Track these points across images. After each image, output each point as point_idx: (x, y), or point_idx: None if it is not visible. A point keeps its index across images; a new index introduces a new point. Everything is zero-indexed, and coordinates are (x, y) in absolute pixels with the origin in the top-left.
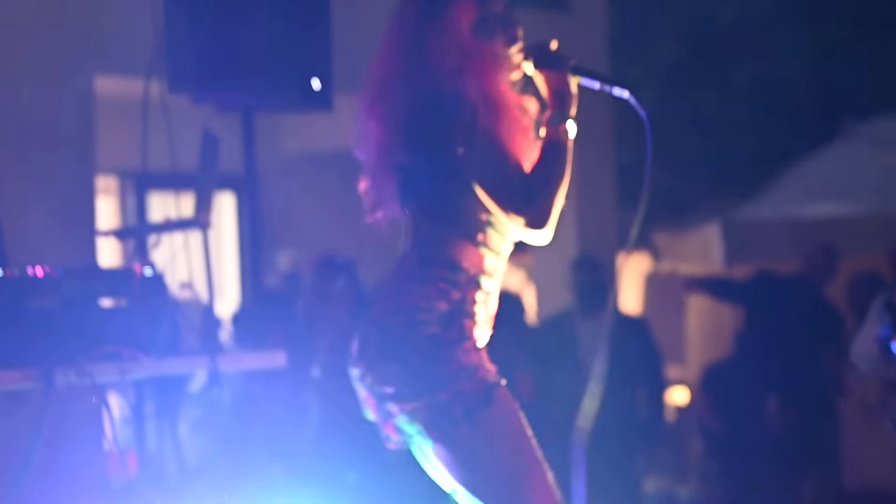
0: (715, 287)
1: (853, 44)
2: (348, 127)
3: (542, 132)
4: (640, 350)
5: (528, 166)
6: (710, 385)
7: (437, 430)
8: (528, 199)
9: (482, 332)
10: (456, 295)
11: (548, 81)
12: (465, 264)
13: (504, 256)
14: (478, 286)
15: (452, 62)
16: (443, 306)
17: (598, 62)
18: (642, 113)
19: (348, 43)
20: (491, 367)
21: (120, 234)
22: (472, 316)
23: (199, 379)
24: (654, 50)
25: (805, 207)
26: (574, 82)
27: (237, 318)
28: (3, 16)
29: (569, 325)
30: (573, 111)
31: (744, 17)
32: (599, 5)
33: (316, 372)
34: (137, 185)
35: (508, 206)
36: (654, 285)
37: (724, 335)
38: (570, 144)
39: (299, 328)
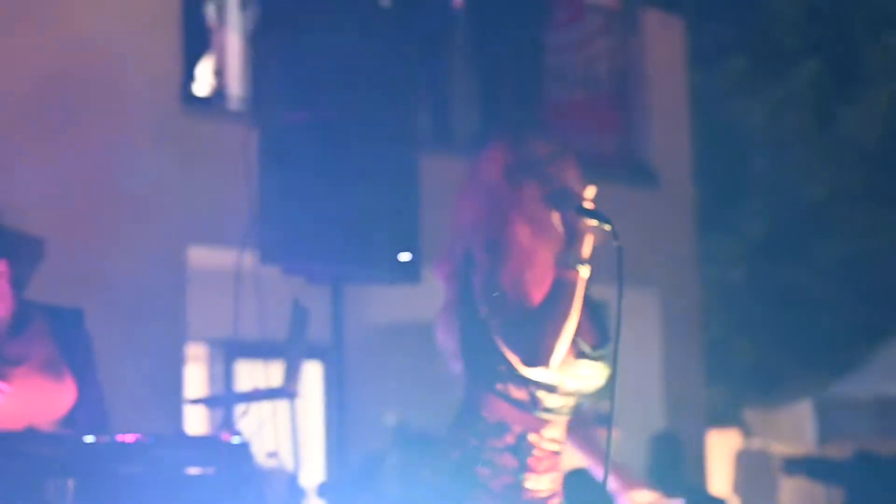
0: (813, 468)
1: None
2: (436, 299)
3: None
4: None
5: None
6: None
7: None
8: (526, 337)
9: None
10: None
11: (561, 221)
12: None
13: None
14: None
15: (482, 210)
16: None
17: (686, 237)
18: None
19: (437, 216)
20: None
21: (208, 401)
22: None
23: None
24: (742, 225)
25: None
26: (586, 224)
27: (322, 489)
28: (100, 185)
29: None
30: (584, 252)
31: (832, 194)
32: (687, 181)
33: None
34: (226, 353)
35: (506, 342)
36: (745, 463)
37: None
38: (580, 285)
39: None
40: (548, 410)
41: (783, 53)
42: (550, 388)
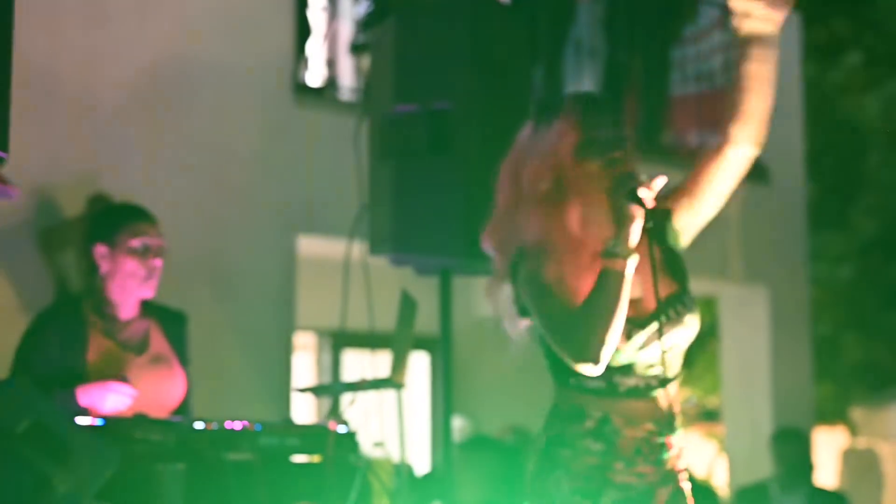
0: None
1: None
2: None
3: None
4: None
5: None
6: None
7: None
8: (573, 335)
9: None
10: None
11: (612, 207)
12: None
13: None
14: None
15: (546, 184)
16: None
17: (797, 234)
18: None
19: None
20: None
21: (316, 390)
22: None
23: None
24: (853, 223)
25: None
26: (636, 211)
27: (427, 479)
28: (211, 174)
29: (764, 498)
30: (631, 242)
31: None
32: (799, 177)
33: None
34: (334, 342)
35: (553, 341)
36: (851, 461)
37: None
38: (626, 277)
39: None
40: (631, 392)
41: None
42: (625, 370)
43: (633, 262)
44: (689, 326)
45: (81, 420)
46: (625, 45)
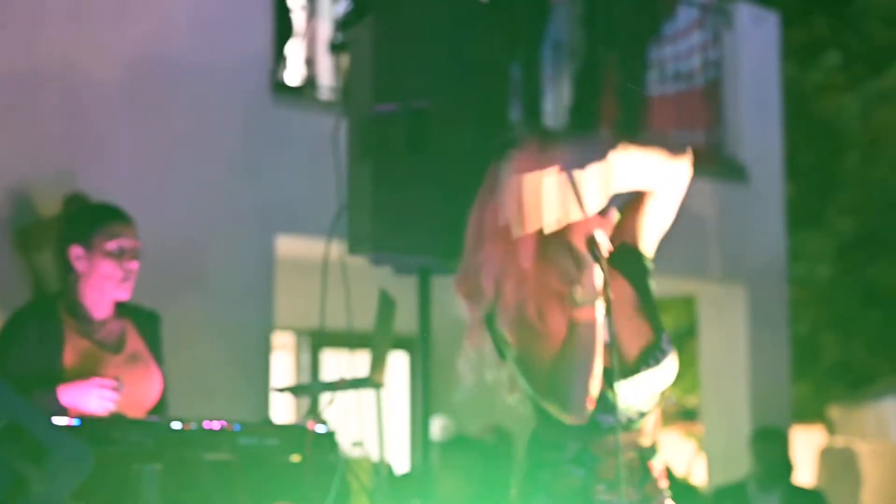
0: None
1: None
2: None
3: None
4: None
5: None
6: None
7: None
8: (553, 390)
9: None
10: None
11: (571, 252)
12: None
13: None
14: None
15: (504, 221)
16: None
17: (775, 233)
18: None
19: None
20: None
21: (295, 390)
22: None
23: None
24: (832, 222)
25: None
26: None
27: (406, 479)
28: (189, 173)
29: (743, 497)
30: (596, 285)
31: None
32: (778, 177)
33: None
34: (313, 342)
35: (535, 395)
36: (829, 459)
37: None
38: (596, 323)
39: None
40: (612, 429)
41: (877, 49)
42: (607, 410)
43: (600, 306)
44: (669, 369)
45: (58, 420)
46: (602, 44)
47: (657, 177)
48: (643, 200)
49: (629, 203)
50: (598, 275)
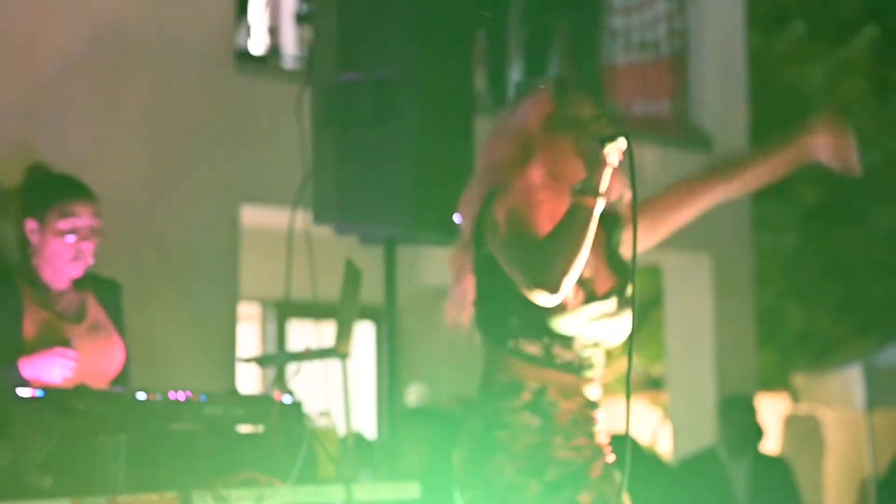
0: None
1: None
2: None
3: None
4: (782, 492)
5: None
6: None
7: None
8: (533, 258)
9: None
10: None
11: (582, 153)
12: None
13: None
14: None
15: (512, 152)
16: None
17: (739, 202)
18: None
19: None
20: None
21: (260, 360)
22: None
23: None
24: (796, 191)
25: None
26: (607, 157)
27: (372, 448)
28: (152, 142)
29: (716, 464)
30: (602, 184)
31: (887, 160)
32: (743, 146)
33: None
34: (279, 313)
35: (513, 264)
36: (793, 427)
37: (864, 480)
38: (594, 213)
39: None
40: (566, 366)
41: (842, 19)
42: (565, 341)
43: (601, 204)
44: (625, 322)
45: (21, 392)
46: (553, 10)
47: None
48: (661, 220)
49: (648, 203)
50: (606, 175)
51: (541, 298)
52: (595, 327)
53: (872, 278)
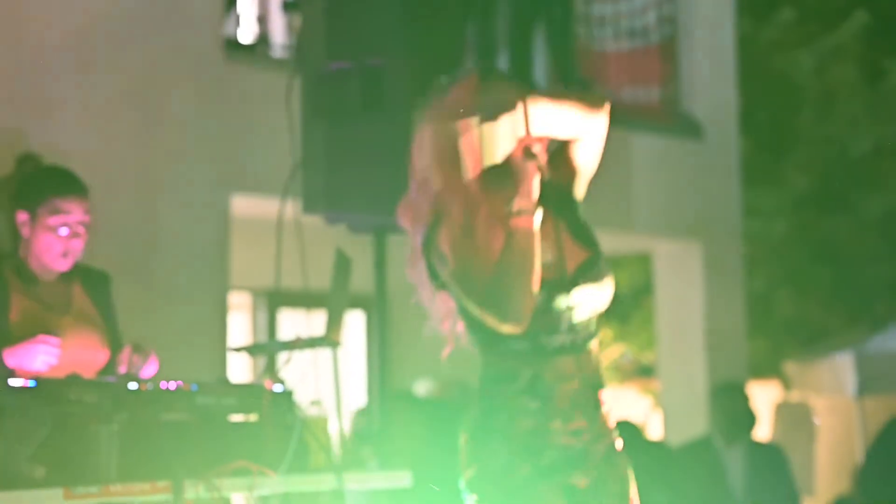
0: None
1: None
2: None
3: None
4: (777, 479)
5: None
6: None
7: None
8: (492, 298)
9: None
10: None
11: (510, 163)
12: None
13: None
14: None
15: (445, 147)
16: None
17: (730, 189)
18: None
19: None
20: None
21: (251, 350)
22: None
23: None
24: (786, 178)
25: None
26: (533, 164)
27: (363, 437)
28: (142, 132)
29: (711, 452)
30: (533, 196)
31: (877, 147)
32: (732, 133)
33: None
34: (269, 302)
35: (474, 305)
36: (784, 414)
37: (856, 467)
38: (534, 233)
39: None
40: (559, 350)
41: (832, 5)
42: (551, 328)
43: (538, 217)
44: (607, 288)
45: (13, 382)
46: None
47: (572, 126)
48: (568, 148)
49: (556, 150)
50: (535, 186)
51: (508, 329)
52: (577, 305)
53: (863, 265)
